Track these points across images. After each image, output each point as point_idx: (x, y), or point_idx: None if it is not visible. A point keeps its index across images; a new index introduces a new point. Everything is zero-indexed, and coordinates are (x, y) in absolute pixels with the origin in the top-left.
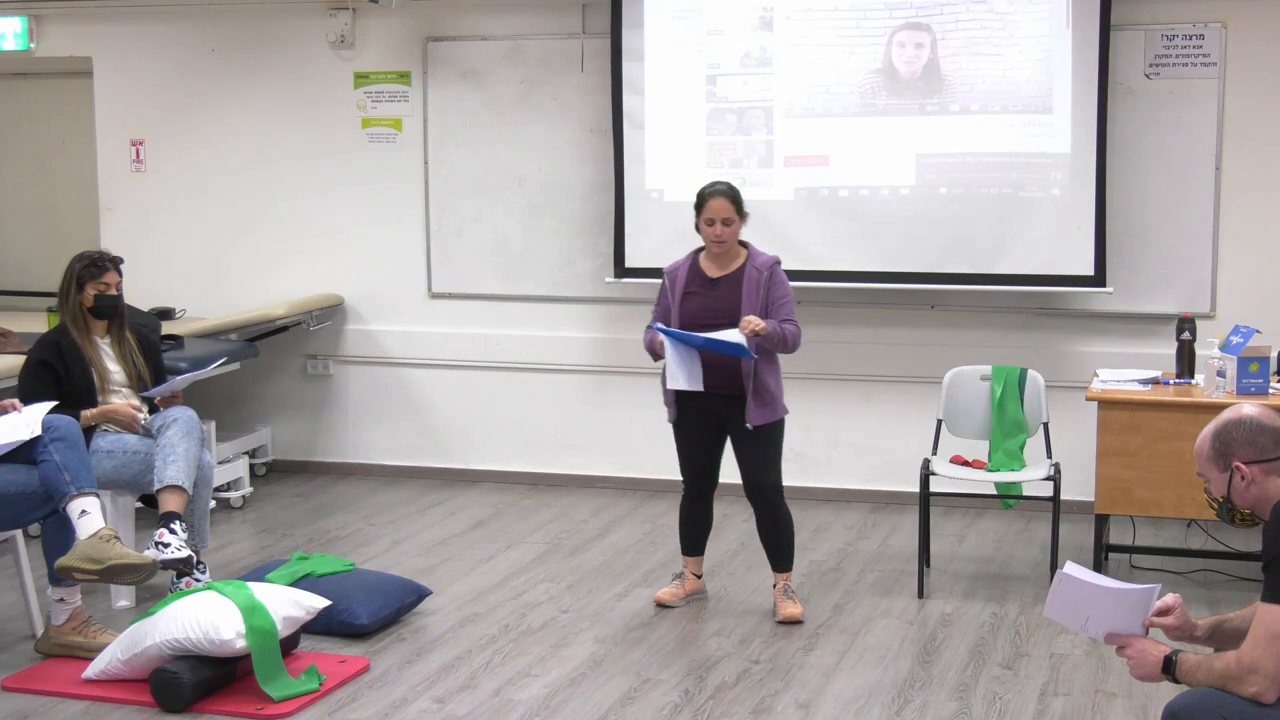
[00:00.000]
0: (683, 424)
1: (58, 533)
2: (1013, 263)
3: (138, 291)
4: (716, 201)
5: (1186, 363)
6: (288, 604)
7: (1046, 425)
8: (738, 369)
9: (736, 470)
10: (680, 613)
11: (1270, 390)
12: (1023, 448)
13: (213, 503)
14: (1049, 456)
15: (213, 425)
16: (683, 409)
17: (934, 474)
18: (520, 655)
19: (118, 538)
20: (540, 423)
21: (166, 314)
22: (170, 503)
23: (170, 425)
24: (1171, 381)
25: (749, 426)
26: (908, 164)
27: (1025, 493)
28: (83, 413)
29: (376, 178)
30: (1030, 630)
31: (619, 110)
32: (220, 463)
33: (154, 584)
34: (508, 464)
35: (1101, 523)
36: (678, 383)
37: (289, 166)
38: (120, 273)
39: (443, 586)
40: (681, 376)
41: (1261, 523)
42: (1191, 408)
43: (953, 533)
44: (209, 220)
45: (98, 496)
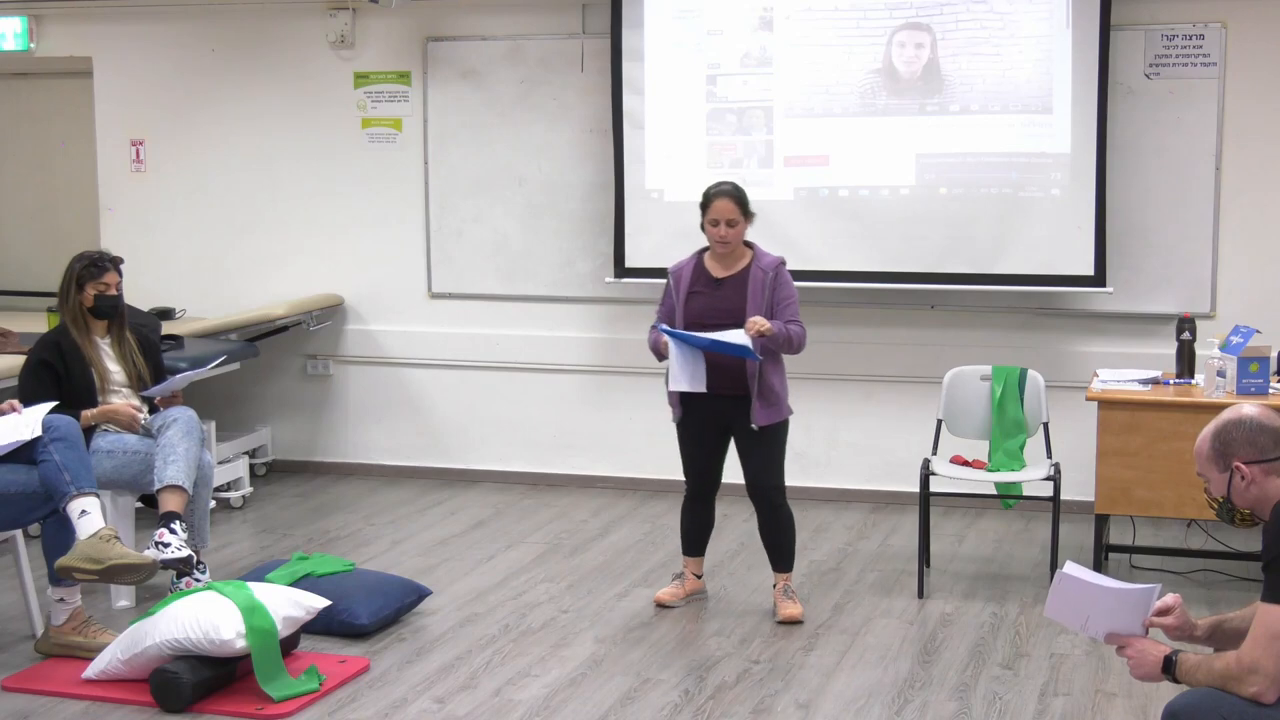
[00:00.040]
0: (688, 424)
1: (58, 533)
2: (1013, 263)
3: (138, 291)
4: (722, 202)
5: (1186, 363)
6: (288, 604)
7: (1046, 425)
8: (743, 370)
9: (737, 470)
10: (680, 613)
11: (1270, 390)
12: (1023, 448)
13: (213, 503)
14: (1049, 456)
15: (213, 425)
16: (688, 409)
17: (934, 474)
18: (520, 655)
19: (118, 538)
20: (540, 423)
21: (166, 314)
22: (170, 503)
23: (170, 425)
24: (1171, 381)
25: (754, 427)
26: (908, 164)
27: (1025, 493)
28: (83, 413)
29: (376, 178)
30: (1030, 630)
31: (619, 110)
32: (220, 463)
33: (154, 584)
34: (508, 464)
35: (1101, 523)
36: (680, 384)
37: (289, 166)
38: (120, 273)
39: (443, 586)
40: (684, 378)
41: (1261, 523)
42: (1191, 408)
43: (953, 533)
44: (209, 220)
45: (98, 496)
